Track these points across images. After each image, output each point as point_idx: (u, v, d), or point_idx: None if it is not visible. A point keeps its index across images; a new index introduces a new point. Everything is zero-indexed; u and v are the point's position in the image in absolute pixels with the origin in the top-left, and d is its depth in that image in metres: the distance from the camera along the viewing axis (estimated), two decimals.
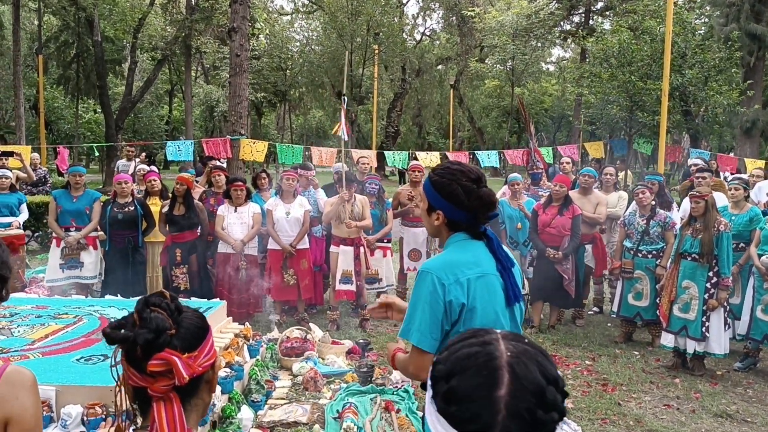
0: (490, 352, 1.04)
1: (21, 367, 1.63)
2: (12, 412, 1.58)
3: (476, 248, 2.44)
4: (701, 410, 5.16)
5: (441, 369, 1.06)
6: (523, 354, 1.04)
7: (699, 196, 5.86)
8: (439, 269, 2.37)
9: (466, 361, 1.03)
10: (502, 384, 0.99)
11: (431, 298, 2.34)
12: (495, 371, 1.01)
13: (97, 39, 25.44)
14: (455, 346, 1.08)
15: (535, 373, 1.01)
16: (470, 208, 2.38)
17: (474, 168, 2.45)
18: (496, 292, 2.42)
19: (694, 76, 15.86)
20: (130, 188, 7.41)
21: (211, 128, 37.66)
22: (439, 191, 2.42)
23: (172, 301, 1.36)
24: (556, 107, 37.88)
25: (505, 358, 1.02)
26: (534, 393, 0.99)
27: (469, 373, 1.02)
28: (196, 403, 1.39)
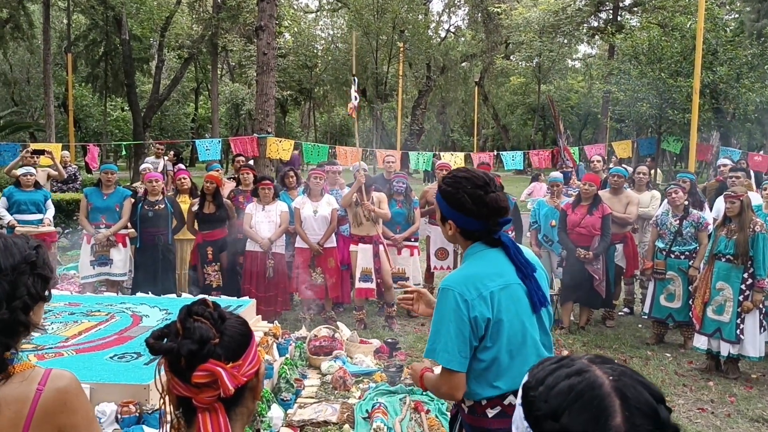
0: (592, 380, 0.98)
1: (61, 370, 1.62)
2: (64, 421, 1.57)
3: (495, 257, 2.40)
4: (736, 414, 5.06)
5: (543, 407, 1.00)
6: (624, 375, 0.99)
7: (734, 196, 5.74)
8: (461, 285, 2.32)
9: (571, 394, 0.98)
10: (616, 412, 0.94)
11: (455, 316, 2.29)
12: (604, 399, 0.96)
13: (125, 37, 25.70)
14: (548, 380, 1.02)
15: (644, 394, 0.97)
16: (479, 215, 2.34)
17: (481, 173, 2.41)
18: (521, 301, 2.38)
19: (726, 73, 15.58)
20: (160, 186, 7.47)
21: (237, 126, 37.87)
22: (447, 201, 2.39)
23: (215, 310, 1.35)
24: (583, 104, 37.50)
25: (608, 383, 0.97)
26: (648, 415, 0.95)
27: (578, 407, 0.96)
28: (241, 412, 1.37)
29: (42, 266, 1.59)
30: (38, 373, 1.57)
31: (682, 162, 25.71)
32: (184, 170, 8.44)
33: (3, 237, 1.60)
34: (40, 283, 1.59)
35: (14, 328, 1.52)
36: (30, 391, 1.53)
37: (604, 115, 23.67)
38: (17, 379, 1.53)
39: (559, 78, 32.68)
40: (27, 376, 1.55)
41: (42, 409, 1.53)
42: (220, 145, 12.23)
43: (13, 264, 1.54)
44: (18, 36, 26.39)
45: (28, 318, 1.53)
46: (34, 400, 1.53)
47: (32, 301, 1.55)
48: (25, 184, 7.84)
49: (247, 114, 30.41)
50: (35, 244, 1.63)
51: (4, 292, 1.50)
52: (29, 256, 1.57)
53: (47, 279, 1.62)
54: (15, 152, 11.86)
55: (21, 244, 1.59)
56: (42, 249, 1.64)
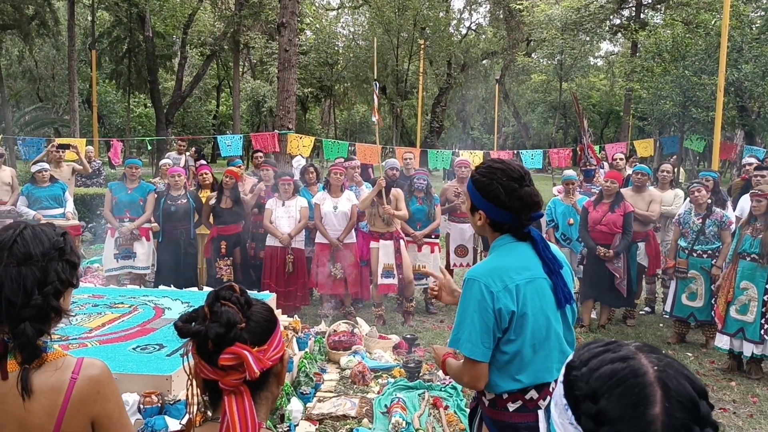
0: (636, 367, 0.98)
1: (93, 359, 1.66)
2: (98, 410, 1.60)
3: (523, 251, 2.39)
4: (759, 415, 5.01)
5: (583, 388, 1.00)
6: (669, 367, 0.98)
7: (761, 195, 5.67)
8: (487, 276, 2.31)
9: (613, 378, 0.98)
10: (656, 401, 0.94)
11: (480, 306, 2.28)
12: (646, 388, 0.95)
13: (148, 34, 25.98)
14: (593, 362, 1.02)
15: (687, 387, 0.96)
16: (512, 208, 2.31)
17: (517, 166, 2.38)
18: (546, 296, 2.38)
19: (751, 70, 15.38)
20: (183, 181, 7.55)
21: (258, 123, 38.09)
22: (480, 191, 2.36)
23: (241, 295, 1.37)
24: (604, 102, 37.21)
25: (652, 372, 0.97)
26: (688, 408, 0.94)
27: (619, 392, 0.96)
28: (266, 396, 1.40)
29: (70, 253, 1.63)
30: (71, 361, 1.61)
31: (706, 161, 25.43)
32: (206, 165, 8.53)
33: (31, 226, 1.63)
34: (69, 269, 1.62)
35: (47, 313, 1.55)
36: (64, 380, 1.57)
37: (626, 113, 23.48)
38: (50, 368, 1.57)
39: (581, 76, 32.42)
40: (60, 365, 1.58)
41: (77, 397, 1.56)
42: (241, 141, 12.33)
43: (43, 251, 1.58)
44: (43, 33, 26.78)
45: (59, 303, 1.57)
46: (68, 389, 1.56)
47: (63, 286, 1.58)
48: (41, 180, 7.92)
49: (268, 111, 30.60)
50: (62, 231, 1.67)
51: (36, 278, 1.54)
52: (57, 242, 1.61)
53: (75, 265, 1.65)
54: (40, 147, 12.04)
55: (49, 231, 1.64)
56: (68, 236, 1.68)
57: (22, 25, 24.25)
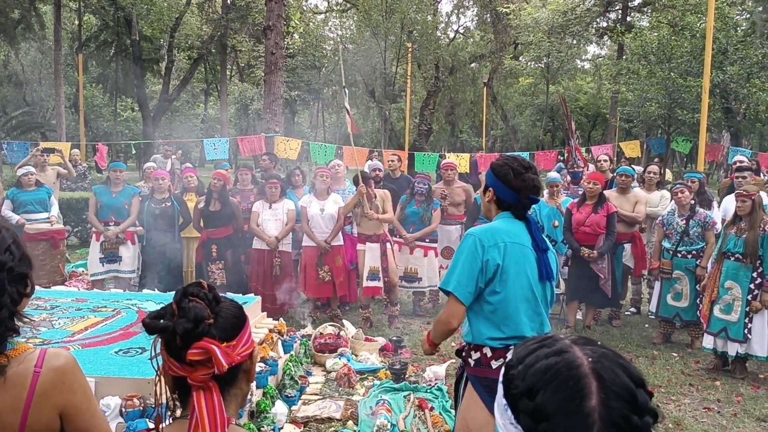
0: (570, 360, 0.97)
1: (57, 350, 1.63)
2: (65, 400, 1.58)
3: (517, 225, 2.86)
4: (743, 414, 5.03)
5: (519, 385, 0.99)
6: (604, 358, 0.97)
7: (746, 195, 5.70)
8: (481, 233, 2.81)
9: (547, 373, 0.97)
10: (592, 393, 0.93)
11: (471, 255, 2.75)
12: (581, 380, 0.94)
13: (135, 38, 25.86)
14: (528, 359, 1.01)
15: (622, 377, 0.95)
16: (516, 188, 2.79)
17: (527, 161, 2.90)
18: (529, 261, 2.82)
19: (736, 72, 15.51)
20: (167, 184, 7.52)
21: (245, 126, 38.01)
22: (494, 171, 2.87)
23: (209, 291, 1.37)
24: (592, 105, 37.35)
25: (587, 364, 0.96)
26: (625, 398, 0.93)
27: (554, 387, 0.95)
28: (235, 393, 1.39)
29: (19, 265, 1.54)
30: (35, 354, 1.58)
31: (693, 163, 25.59)
32: (191, 169, 8.50)
33: None
34: (21, 284, 1.55)
35: (3, 334, 1.51)
36: (27, 373, 1.54)
37: (612, 116, 23.60)
38: (15, 363, 1.54)
39: (568, 79, 32.52)
40: (23, 359, 1.55)
41: (41, 389, 1.54)
42: (228, 144, 12.28)
43: None
44: (29, 37, 26.61)
45: (13, 323, 1.52)
46: (32, 382, 1.53)
47: (15, 305, 1.53)
48: (27, 184, 7.89)
49: (255, 114, 30.52)
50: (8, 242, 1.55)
51: None
52: (3, 262, 1.51)
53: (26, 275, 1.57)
54: (26, 151, 11.96)
55: None
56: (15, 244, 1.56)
57: (8, 29, 24.10)
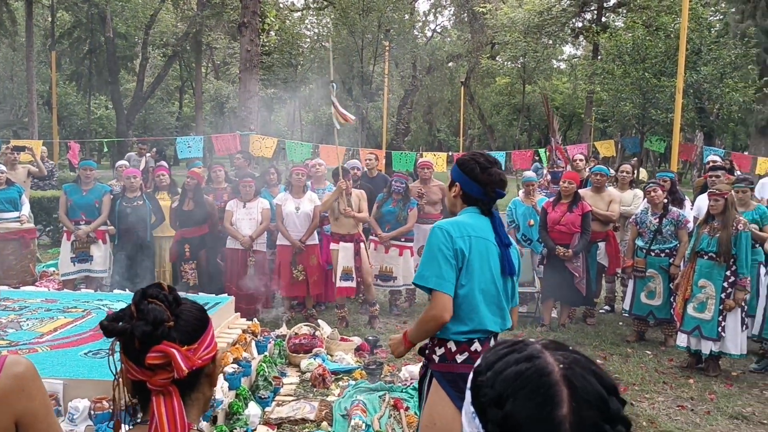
0: (541, 366, 0.93)
1: (17, 356, 1.58)
2: (23, 408, 1.53)
3: (482, 220, 2.89)
4: (716, 412, 5.07)
5: (488, 393, 0.95)
6: (575, 364, 0.94)
7: (719, 194, 5.75)
8: (448, 225, 2.82)
9: (517, 380, 0.93)
10: (563, 401, 0.89)
11: (443, 246, 2.75)
12: (552, 388, 0.90)
13: (110, 35, 25.56)
14: (498, 365, 0.97)
15: (594, 384, 0.91)
16: (482, 182, 2.82)
17: (492, 156, 2.94)
18: (493, 256, 2.85)
19: (710, 73, 15.70)
20: (138, 183, 7.41)
21: (221, 124, 37.73)
22: (460, 166, 2.89)
23: (170, 293, 1.32)
24: (567, 105, 37.65)
25: (558, 371, 0.92)
26: (597, 406, 0.90)
27: (524, 394, 0.91)
28: (196, 398, 1.34)
29: None
30: None
31: (667, 162, 25.89)
32: (163, 167, 8.39)
33: None
34: None
35: None
36: None
37: (588, 116, 23.78)
38: None
39: (544, 79, 32.72)
40: None
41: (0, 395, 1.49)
42: (202, 142, 12.15)
43: None
44: (0, 33, 26.14)
45: None
46: None
47: None
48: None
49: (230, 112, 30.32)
50: None
51: None
52: None
53: None
54: None
55: None
56: None
57: None
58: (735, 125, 20.37)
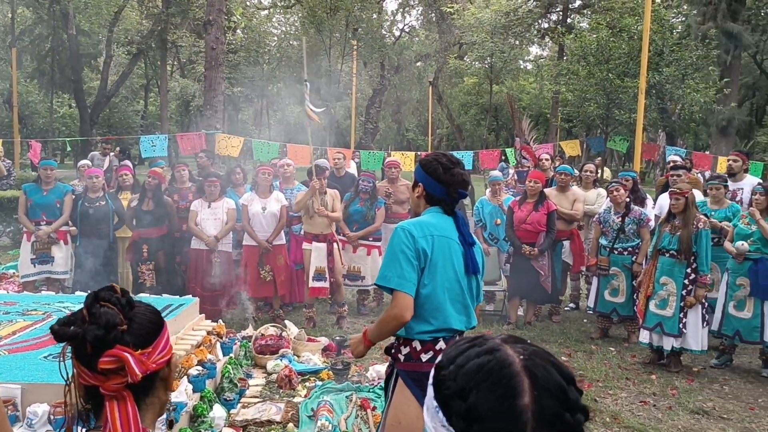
0: (502, 359, 0.96)
1: None
2: None
3: (445, 220, 2.90)
4: (678, 407, 5.16)
5: (451, 386, 0.96)
6: (535, 355, 0.97)
7: (679, 193, 5.85)
8: (410, 225, 2.83)
9: (479, 373, 0.95)
10: (524, 391, 0.92)
11: (405, 247, 2.76)
12: (513, 378, 0.93)
13: (72, 32, 25.07)
14: (460, 359, 0.99)
15: (554, 374, 0.94)
16: (445, 183, 2.84)
17: (456, 157, 2.94)
18: (456, 255, 2.86)
19: (672, 74, 15.99)
20: (101, 182, 7.28)
21: (187, 123, 37.30)
22: (423, 167, 2.90)
23: (123, 296, 1.29)
24: (534, 105, 38.00)
25: (518, 362, 0.95)
26: (557, 396, 0.92)
27: (486, 386, 0.93)
28: (151, 402, 1.32)
29: None
30: None
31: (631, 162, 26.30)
32: (127, 166, 8.26)
33: None
34: None
35: None
36: None
37: (554, 116, 24.03)
38: None
39: (511, 79, 33.00)
40: None
41: None
42: (166, 141, 11.99)
43: None
44: None
45: None
46: None
47: None
48: None
49: (196, 110, 30.00)
50: None
51: None
52: None
53: None
54: None
55: None
56: None
57: None
58: (696, 125, 20.76)
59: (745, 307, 5.96)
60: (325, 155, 12.22)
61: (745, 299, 5.97)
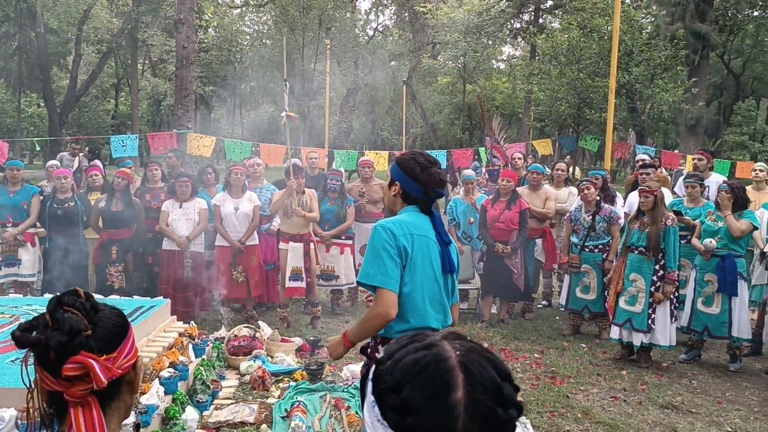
0: (439, 353, 0.97)
1: None
2: None
3: (422, 219, 2.92)
4: (647, 402, 5.23)
5: (388, 380, 0.97)
6: (472, 351, 0.98)
7: (648, 191, 5.94)
8: (390, 223, 2.84)
9: (415, 367, 0.96)
10: (458, 386, 0.93)
11: (387, 244, 2.77)
12: (448, 373, 0.94)
13: (40, 31, 24.66)
14: (398, 354, 1.00)
15: (490, 370, 0.95)
16: (422, 181, 2.85)
17: (432, 156, 2.97)
18: (434, 254, 2.89)
19: (641, 73, 16.20)
20: (69, 183, 7.18)
21: (159, 122, 36.94)
22: (400, 165, 2.91)
23: (87, 300, 1.27)
24: (507, 104, 38.24)
25: (455, 357, 0.96)
26: (491, 391, 0.94)
27: (421, 380, 0.94)
28: (117, 406, 1.30)
29: None
30: None
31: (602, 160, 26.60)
32: (96, 167, 8.16)
33: None
34: None
35: None
36: None
37: (526, 115, 24.21)
38: None
39: (484, 78, 33.15)
40: None
41: None
42: (137, 141, 11.85)
43: None
44: None
45: None
46: None
47: None
48: None
49: (168, 110, 29.72)
50: None
51: None
52: None
53: None
54: None
55: None
56: None
57: None
58: (666, 124, 21.07)
59: (713, 303, 6.07)
60: (299, 155, 12.17)
61: (713, 295, 6.07)
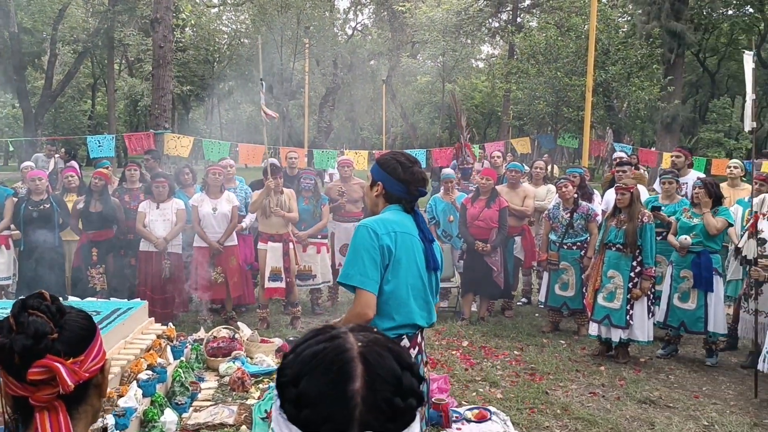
0: (339, 345, 0.97)
1: None
2: None
3: (405, 217, 2.96)
4: (626, 397, 5.28)
5: (288, 373, 0.97)
6: (374, 343, 0.98)
7: (625, 188, 5.99)
8: (373, 222, 2.86)
9: (314, 359, 0.96)
10: (356, 376, 0.93)
11: (368, 244, 2.78)
12: (346, 364, 0.94)
13: (14, 30, 24.30)
14: (301, 347, 1.00)
15: (390, 361, 0.96)
16: (404, 181, 2.89)
17: (413, 156, 3.03)
18: (418, 251, 2.92)
19: (618, 72, 16.35)
20: (45, 185, 7.08)
21: (136, 123, 36.61)
22: (381, 166, 2.95)
23: (52, 303, 1.25)
24: (486, 103, 38.39)
25: (356, 349, 0.96)
26: (390, 381, 0.94)
27: (319, 371, 0.94)
28: (84, 410, 1.27)
29: None
30: None
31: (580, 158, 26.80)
32: (72, 168, 8.05)
33: None
34: None
35: None
36: None
37: (505, 114, 24.33)
38: None
39: (464, 77, 33.28)
40: None
41: None
42: (113, 141, 11.74)
43: None
44: None
45: None
46: None
47: None
48: None
49: (145, 110, 29.47)
50: None
51: None
52: None
53: None
54: None
55: None
56: None
57: None
58: (642, 122, 21.25)
59: (689, 299, 6.13)
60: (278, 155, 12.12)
61: (689, 291, 6.13)
